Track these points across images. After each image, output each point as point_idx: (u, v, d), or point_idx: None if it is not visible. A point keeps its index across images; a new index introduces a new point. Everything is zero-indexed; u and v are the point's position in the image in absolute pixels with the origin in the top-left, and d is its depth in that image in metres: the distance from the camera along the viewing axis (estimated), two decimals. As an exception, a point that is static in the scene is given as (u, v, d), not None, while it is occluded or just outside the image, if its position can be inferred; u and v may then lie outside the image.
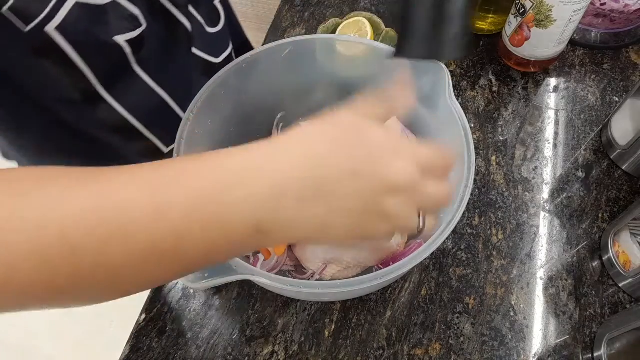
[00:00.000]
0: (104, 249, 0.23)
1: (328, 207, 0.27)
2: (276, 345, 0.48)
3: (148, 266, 0.24)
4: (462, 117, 0.43)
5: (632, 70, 0.67)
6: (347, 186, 0.27)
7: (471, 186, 0.40)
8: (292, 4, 0.77)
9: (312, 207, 0.26)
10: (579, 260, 0.52)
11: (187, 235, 0.24)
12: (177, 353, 0.47)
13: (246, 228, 0.26)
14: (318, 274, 0.47)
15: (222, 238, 0.25)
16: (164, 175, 0.25)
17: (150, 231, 0.24)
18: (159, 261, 0.24)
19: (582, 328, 0.48)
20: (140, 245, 0.23)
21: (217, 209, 0.25)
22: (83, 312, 1.46)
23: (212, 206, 0.25)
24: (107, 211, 0.23)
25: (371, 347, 0.47)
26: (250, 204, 0.25)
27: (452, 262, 0.52)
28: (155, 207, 0.24)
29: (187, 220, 0.24)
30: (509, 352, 0.47)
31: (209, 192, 0.25)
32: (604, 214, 0.55)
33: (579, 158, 0.60)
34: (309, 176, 0.26)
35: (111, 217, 0.23)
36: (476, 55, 0.69)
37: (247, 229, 0.26)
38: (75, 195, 0.23)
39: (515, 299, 0.50)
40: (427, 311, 0.49)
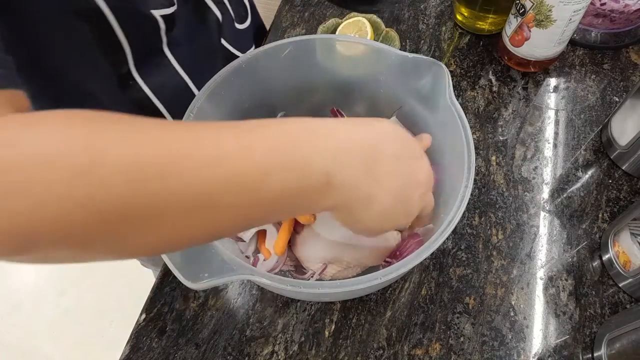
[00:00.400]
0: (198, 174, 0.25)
1: (377, 178, 0.31)
2: (276, 345, 0.48)
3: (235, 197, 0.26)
4: (462, 116, 0.43)
5: (632, 70, 0.67)
6: (391, 165, 0.32)
7: (471, 186, 0.40)
8: (292, 4, 0.77)
9: (369, 173, 0.31)
10: (579, 260, 0.52)
11: (269, 172, 0.27)
12: (177, 353, 0.47)
13: (319, 176, 0.28)
14: (318, 274, 0.47)
15: (298, 181, 0.28)
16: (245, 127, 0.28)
17: (237, 164, 0.26)
18: (240, 193, 0.26)
19: (582, 328, 0.48)
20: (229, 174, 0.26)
21: (297, 152, 0.28)
22: (83, 312, 1.46)
23: (291, 150, 0.28)
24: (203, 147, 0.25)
25: (371, 347, 0.47)
26: (324, 155, 0.29)
27: (452, 262, 0.52)
28: (242, 146, 0.26)
29: (269, 159, 0.27)
30: (509, 352, 0.47)
31: (289, 140, 0.28)
32: (604, 214, 0.55)
33: (579, 158, 0.60)
34: (370, 145, 0.31)
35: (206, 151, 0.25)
36: (476, 55, 0.69)
37: (320, 176, 0.28)
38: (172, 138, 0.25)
39: (515, 299, 0.50)
40: (427, 311, 0.49)
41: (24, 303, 1.49)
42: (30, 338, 1.43)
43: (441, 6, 0.75)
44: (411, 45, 0.71)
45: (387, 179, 0.32)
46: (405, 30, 0.72)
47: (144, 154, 0.23)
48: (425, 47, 0.71)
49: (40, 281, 1.54)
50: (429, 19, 0.74)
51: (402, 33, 0.72)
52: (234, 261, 0.36)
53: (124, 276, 1.46)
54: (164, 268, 0.52)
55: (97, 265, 1.53)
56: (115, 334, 1.41)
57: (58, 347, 1.41)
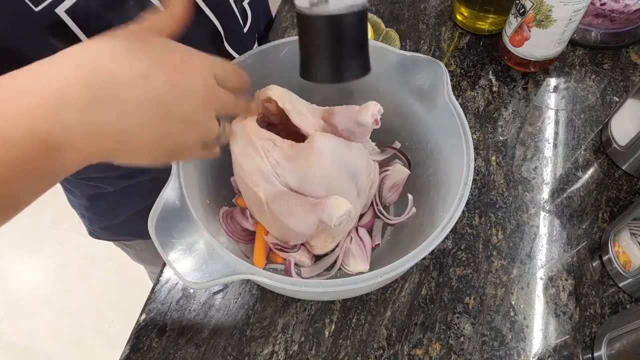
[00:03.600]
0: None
1: (118, 114, 0.26)
2: (276, 345, 0.48)
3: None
4: (461, 114, 0.43)
5: (632, 70, 0.67)
6: (138, 90, 0.26)
7: (470, 185, 0.40)
8: (292, 4, 0.77)
9: (100, 114, 0.26)
10: (579, 260, 0.52)
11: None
12: (177, 353, 0.47)
13: (33, 143, 0.24)
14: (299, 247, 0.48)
15: (7, 156, 0.24)
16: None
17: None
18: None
19: (582, 328, 0.48)
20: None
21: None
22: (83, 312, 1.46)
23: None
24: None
25: (371, 347, 0.47)
26: (30, 116, 0.24)
27: (452, 262, 0.52)
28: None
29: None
30: (509, 352, 0.47)
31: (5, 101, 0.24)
32: (604, 214, 0.55)
33: (579, 158, 0.60)
34: (90, 82, 0.25)
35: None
36: (476, 55, 0.69)
37: (34, 144, 0.25)
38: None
39: (515, 299, 0.50)
40: (427, 311, 0.49)
41: (24, 303, 1.49)
42: (30, 338, 1.43)
43: (441, 6, 0.75)
44: (411, 45, 0.71)
45: (136, 108, 0.27)
46: (405, 30, 0.72)
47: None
48: (425, 47, 0.71)
49: (40, 281, 1.54)
50: (429, 18, 0.74)
51: (402, 33, 0.72)
52: (234, 261, 0.36)
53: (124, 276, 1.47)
54: (164, 268, 0.52)
55: (97, 265, 1.53)
56: (115, 334, 1.41)
57: (58, 347, 1.41)
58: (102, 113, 0.26)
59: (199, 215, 0.39)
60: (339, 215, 0.41)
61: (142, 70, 0.27)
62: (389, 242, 0.52)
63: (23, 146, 0.24)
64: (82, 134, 0.26)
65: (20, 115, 0.24)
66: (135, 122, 0.27)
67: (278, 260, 0.50)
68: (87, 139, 0.26)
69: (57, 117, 0.25)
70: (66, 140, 0.25)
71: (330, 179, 0.44)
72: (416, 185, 0.51)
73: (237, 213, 0.50)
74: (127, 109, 0.27)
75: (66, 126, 0.25)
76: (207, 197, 0.47)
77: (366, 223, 0.51)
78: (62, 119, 0.25)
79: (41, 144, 0.25)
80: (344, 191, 0.45)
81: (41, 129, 0.25)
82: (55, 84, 0.25)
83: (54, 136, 0.25)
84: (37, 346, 1.41)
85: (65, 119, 0.25)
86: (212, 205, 0.48)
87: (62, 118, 0.25)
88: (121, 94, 0.26)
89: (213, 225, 0.47)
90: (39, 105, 0.25)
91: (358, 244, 0.50)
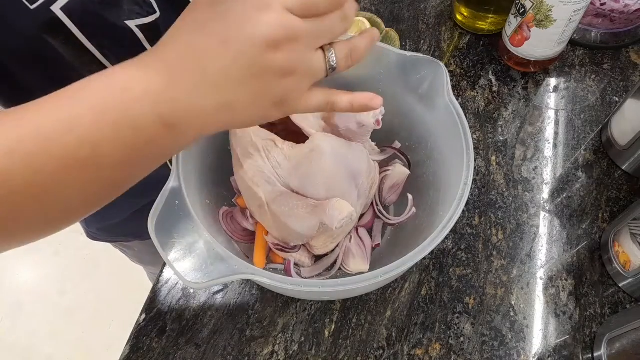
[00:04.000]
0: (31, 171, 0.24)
1: (217, 86, 0.27)
2: (276, 345, 0.48)
3: (74, 180, 0.26)
4: (461, 114, 0.43)
5: (632, 70, 0.67)
6: (223, 58, 0.27)
7: (470, 184, 0.40)
8: None
9: (204, 90, 0.27)
10: (579, 260, 0.52)
11: (101, 139, 0.26)
12: (177, 353, 0.47)
13: (154, 123, 0.27)
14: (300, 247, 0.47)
15: (135, 137, 0.26)
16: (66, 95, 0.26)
17: (65, 144, 0.25)
18: (81, 173, 0.26)
19: (582, 328, 0.48)
20: (61, 161, 0.25)
21: (122, 107, 0.26)
22: (83, 312, 1.46)
23: (116, 106, 0.26)
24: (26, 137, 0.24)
25: (371, 347, 0.47)
26: (149, 98, 0.26)
27: (452, 262, 0.52)
28: (66, 121, 0.25)
29: (97, 125, 0.25)
30: (509, 352, 0.47)
31: (110, 96, 0.26)
32: (604, 214, 0.55)
33: (579, 158, 0.60)
34: (189, 63, 0.27)
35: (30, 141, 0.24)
36: (476, 55, 0.69)
37: (155, 124, 0.27)
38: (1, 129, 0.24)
39: (515, 299, 0.50)
40: (427, 311, 0.49)
41: (24, 303, 1.49)
42: (30, 338, 1.43)
43: (441, 6, 0.75)
44: (411, 45, 0.71)
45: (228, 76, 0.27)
46: (405, 30, 0.72)
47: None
48: (425, 47, 0.71)
49: (40, 281, 1.54)
50: (429, 18, 0.74)
51: (402, 33, 0.72)
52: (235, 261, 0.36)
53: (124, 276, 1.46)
54: (164, 268, 0.52)
55: (97, 265, 1.53)
56: (115, 334, 1.41)
57: (58, 347, 1.41)
58: (205, 89, 0.27)
59: (199, 215, 0.39)
60: (341, 218, 0.42)
61: (219, 38, 0.27)
62: (389, 242, 0.52)
63: (149, 128, 0.27)
64: (193, 111, 0.27)
65: (143, 98, 0.26)
66: (233, 91, 0.28)
67: (278, 260, 0.50)
68: (198, 115, 0.28)
69: (171, 99, 0.27)
70: (181, 119, 0.27)
71: (331, 180, 0.44)
72: (416, 185, 0.51)
73: (237, 213, 0.50)
74: (221, 81, 0.27)
75: (180, 105, 0.27)
76: (207, 197, 0.47)
77: (366, 223, 0.51)
78: (175, 100, 0.27)
79: (163, 124, 0.27)
80: (345, 192, 0.45)
81: (162, 111, 0.27)
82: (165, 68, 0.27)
83: (170, 116, 0.27)
84: (37, 346, 1.41)
85: (177, 100, 0.27)
86: (212, 205, 0.48)
87: (175, 99, 0.27)
88: (214, 67, 0.27)
89: (213, 225, 0.46)
90: (155, 89, 0.26)
91: (358, 244, 0.50)
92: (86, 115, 0.25)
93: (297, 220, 0.44)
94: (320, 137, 0.43)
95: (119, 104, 0.26)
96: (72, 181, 0.26)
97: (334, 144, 0.43)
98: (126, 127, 0.26)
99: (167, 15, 0.44)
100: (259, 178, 0.43)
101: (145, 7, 0.42)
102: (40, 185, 0.25)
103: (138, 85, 0.26)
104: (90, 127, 0.25)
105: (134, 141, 0.27)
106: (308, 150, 0.42)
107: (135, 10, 0.41)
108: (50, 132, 0.25)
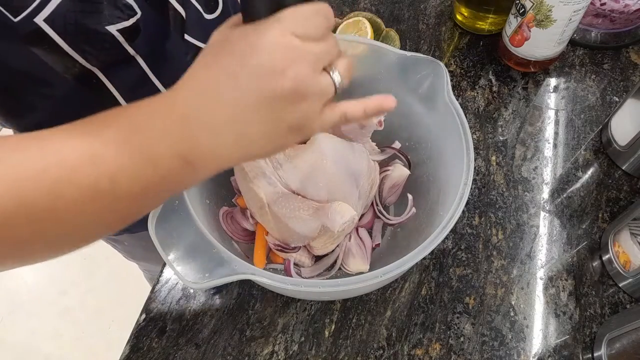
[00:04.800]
0: (54, 197, 0.25)
1: (231, 119, 0.27)
2: (276, 345, 0.48)
3: (92, 209, 0.27)
4: (461, 114, 0.43)
5: (632, 70, 0.67)
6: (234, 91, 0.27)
7: (470, 184, 0.40)
8: None
9: (219, 125, 0.28)
10: (579, 260, 0.52)
11: (121, 174, 0.27)
12: (177, 353, 0.47)
13: (172, 158, 0.27)
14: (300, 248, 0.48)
15: (154, 173, 0.27)
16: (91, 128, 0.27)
17: (87, 175, 0.26)
18: (99, 202, 0.27)
19: (582, 328, 0.48)
20: (82, 190, 0.26)
21: (142, 144, 0.27)
22: (83, 312, 1.46)
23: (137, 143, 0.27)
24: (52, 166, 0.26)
25: (371, 347, 0.47)
26: (168, 136, 0.27)
27: (452, 262, 0.52)
28: (90, 154, 0.26)
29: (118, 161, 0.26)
30: (509, 352, 0.47)
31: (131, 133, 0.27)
32: (604, 214, 0.55)
33: (579, 158, 0.60)
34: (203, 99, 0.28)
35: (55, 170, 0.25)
36: (476, 55, 0.69)
37: (174, 159, 0.27)
38: (23, 157, 0.25)
39: (515, 299, 0.50)
40: (427, 311, 0.49)
41: (24, 303, 1.49)
42: (30, 338, 1.43)
43: (441, 6, 0.75)
44: (411, 45, 0.71)
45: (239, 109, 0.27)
46: (405, 30, 0.72)
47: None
48: (425, 47, 0.71)
49: (40, 281, 1.54)
50: (429, 18, 0.74)
51: (402, 33, 0.72)
52: (234, 261, 0.36)
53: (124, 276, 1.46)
54: (164, 268, 0.52)
55: (97, 265, 1.53)
56: (115, 334, 1.41)
57: (58, 347, 1.41)
58: (215, 126, 0.28)
59: (199, 215, 0.39)
60: (343, 222, 0.42)
61: (227, 71, 0.27)
62: (389, 242, 0.52)
63: (168, 164, 0.27)
64: (210, 147, 0.28)
65: (162, 136, 0.27)
66: (245, 121, 0.28)
67: (278, 260, 0.50)
68: (215, 152, 0.28)
69: (189, 137, 0.27)
70: (200, 155, 0.28)
71: (331, 181, 0.44)
72: (416, 185, 0.51)
73: (237, 213, 0.50)
74: (232, 114, 0.27)
75: (199, 142, 0.28)
76: (207, 197, 0.47)
77: (366, 223, 0.51)
78: (193, 138, 0.27)
79: (182, 161, 0.28)
80: (346, 192, 0.45)
81: (180, 148, 0.27)
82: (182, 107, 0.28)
83: (190, 153, 0.28)
84: (37, 346, 1.41)
85: (195, 137, 0.27)
86: (212, 205, 0.48)
87: (192, 137, 0.27)
88: (222, 102, 0.27)
89: (213, 225, 0.47)
90: (174, 127, 0.27)
91: (358, 244, 0.50)
92: (108, 150, 0.26)
93: (298, 222, 0.44)
94: (322, 138, 0.43)
95: (139, 141, 0.27)
96: (91, 209, 0.27)
97: (335, 145, 0.43)
98: (145, 163, 0.27)
99: (147, 13, 0.45)
100: (260, 179, 0.43)
101: (126, 10, 0.42)
102: (62, 210, 0.26)
103: (158, 123, 0.27)
104: (111, 163, 0.26)
105: (152, 176, 0.28)
106: (309, 151, 0.42)
107: (116, 14, 0.41)
108: (74, 163, 0.26)
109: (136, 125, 0.27)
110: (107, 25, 0.41)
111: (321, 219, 0.43)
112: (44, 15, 0.37)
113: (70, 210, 0.26)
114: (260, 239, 0.49)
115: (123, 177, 0.27)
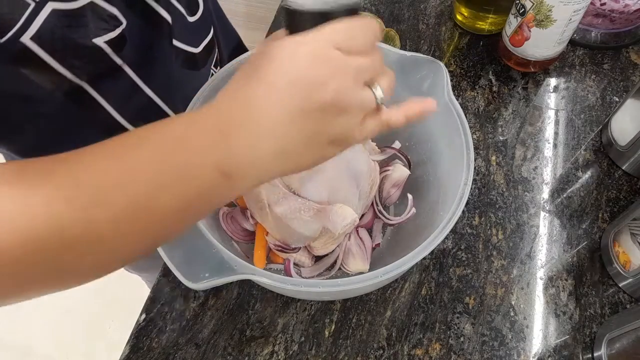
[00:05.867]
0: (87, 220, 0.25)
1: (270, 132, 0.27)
2: (276, 345, 0.48)
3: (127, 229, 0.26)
4: (460, 114, 0.43)
5: (632, 70, 0.67)
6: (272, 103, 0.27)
7: (470, 184, 0.40)
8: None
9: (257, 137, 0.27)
10: (579, 260, 0.52)
11: (158, 191, 0.26)
12: (177, 353, 0.47)
13: (211, 172, 0.27)
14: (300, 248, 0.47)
15: (193, 188, 0.27)
16: (122, 147, 0.27)
17: (122, 195, 0.25)
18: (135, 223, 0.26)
19: (582, 328, 0.48)
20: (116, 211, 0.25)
21: (180, 160, 0.26)
22: (83, 312, 1.46)
23: (174, 159, 0.26)
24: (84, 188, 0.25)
25: (371, 347, 0.47)
26: (206, 150, 0.26)
27: (452, 262, 0.52)
28: (123, 173, 0.25)
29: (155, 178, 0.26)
30: (509, 352, 0.47)
31: (168, 149, 0.26)
32: (604, 214, 0.55)
33: (579, 158, 0.60)
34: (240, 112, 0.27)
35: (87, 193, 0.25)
36: (476, 55, 0.69)
37: (212, 172, 0.27)
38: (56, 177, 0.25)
39: (515, 299, 0.50)
40: (427, 311, 0.49)
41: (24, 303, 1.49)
42: (30, 338, 1.43)
43: (441, 6, 0.75)
44: (411, 45, 0.71)
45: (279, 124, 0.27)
46: (405, 30, 0.72)
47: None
48: (425, 47, 0.71)
49: (40, 281, 1.54)
50: (429, 18, 0.74)
51: (402, 33, 0.72)
52: (234, 261, 0.36)
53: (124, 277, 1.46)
54: (164, 268, 0.52)
55: (97, 266, 1.53)
56: (115, 334, 1.41)
57: (58, 347, 1.41)
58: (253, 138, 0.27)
59: (199, 215, 0.39)
60: (344, 224, 0.42)
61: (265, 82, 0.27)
62: (389, 242, 0.52)
63: (207, 179, 0.27)
64: (249, 158, 0.27)
65: (200, 150, 0.26)
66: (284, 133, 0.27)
67: (278, 261, 0.50)
68: (254, 163, 0.28)
69: (228, 148, 0.26)
70: (238, 167, 0.27)
71: (332, 181, 0.44)
72: (416, 185, 0.51)
73: (237, 213, 0.50)
74: (270, 126, 0.27)
75: (237, 153, 0.27)
76: (207, 197, 0.47)
77: (366, 223, 0.51)
78: (231, 149, 0.27)
79: (221, 175, 0.27)
80: (346, 193, 0.45)
81: (219, 161, 0.26)
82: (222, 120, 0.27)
83: (228, 165, 0.27)
84: (37, 346, 1.41)
85: (233, 148, 0.27)
86: (212, 205, 0.48)
87: (231, 148, 0.27)
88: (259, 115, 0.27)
89: (213, 225, 0.47)
90: (212, 141, 0.26)
91: (358, 244, 0.50)
92: (144, 168, 0.26)
93: (299, 223, 0.44)
94: None
95: (177, 156, 0.26)
96: (126, 230, 0.26)
97: None
98: (184, 178, 0.26)
99: (132, 23, 0.44)
100: None
101: (112, 21, 0.42)
102: (95, 233, 0.25)
103: (195, 138, 0.26)
104: (148, 181, 0.26)
105: (190, 192, 0.27)
106: None
107: (101, 26, 0.41)
108: (107, 184, 0.25)
109: (171, 141, 0.27)
110: (94, 37, 0.41)
111: (322, 221, 0.43)
112: (30, 34, 0.36)
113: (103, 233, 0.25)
114: (260, 239, 0.49)
115: (161, 194, 0.26)
